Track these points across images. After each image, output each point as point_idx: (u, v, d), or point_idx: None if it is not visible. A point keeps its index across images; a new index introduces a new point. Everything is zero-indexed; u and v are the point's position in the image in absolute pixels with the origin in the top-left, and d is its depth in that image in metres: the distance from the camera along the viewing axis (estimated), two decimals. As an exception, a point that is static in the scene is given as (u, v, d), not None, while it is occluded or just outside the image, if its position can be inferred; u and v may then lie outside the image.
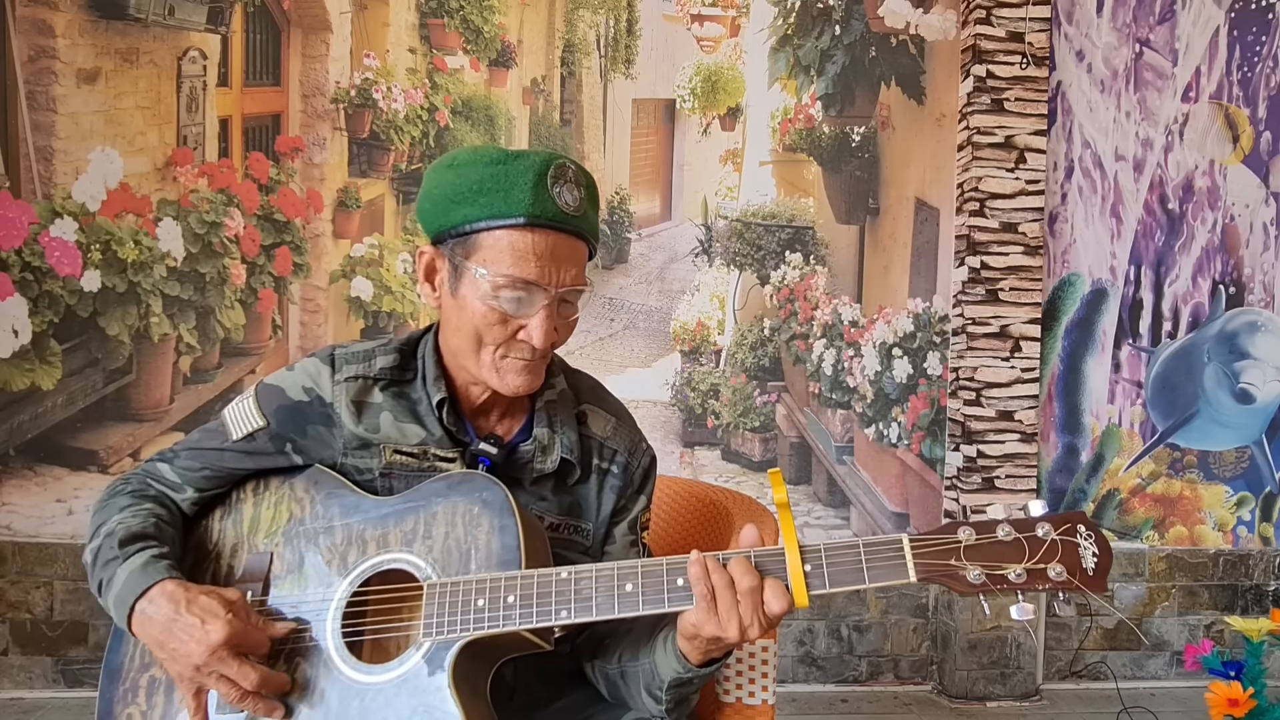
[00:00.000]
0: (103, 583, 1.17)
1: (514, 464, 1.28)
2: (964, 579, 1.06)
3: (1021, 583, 1.05)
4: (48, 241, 3.02)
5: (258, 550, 1.25)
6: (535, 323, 1.18)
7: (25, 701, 3.01)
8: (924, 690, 3.38)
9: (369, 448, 1.25)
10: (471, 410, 1.30)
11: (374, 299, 3.22)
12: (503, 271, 1.16)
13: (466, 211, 1.17)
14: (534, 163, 1.17)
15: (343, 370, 1.26)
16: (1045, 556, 1.06)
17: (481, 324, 1.19)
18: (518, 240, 1.16)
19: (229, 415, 1.28)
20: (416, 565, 1.18)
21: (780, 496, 1.10)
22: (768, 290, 3.39)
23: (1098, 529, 1.07)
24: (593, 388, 1.40)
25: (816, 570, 1.08)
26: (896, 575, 1.07)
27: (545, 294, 1.18)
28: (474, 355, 1.21)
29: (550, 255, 1.17)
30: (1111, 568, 1.07)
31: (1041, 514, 1.08)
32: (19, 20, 3.03)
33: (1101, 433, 3.50)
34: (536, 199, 1.16)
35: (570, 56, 3.37)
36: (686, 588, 1.10)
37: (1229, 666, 2.62)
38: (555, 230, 1.17)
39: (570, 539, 1.31)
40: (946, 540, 1.07)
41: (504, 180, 1.16)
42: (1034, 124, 3.31)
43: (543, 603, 1.11)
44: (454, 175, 1.19)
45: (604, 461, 1.34)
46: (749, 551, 1.10)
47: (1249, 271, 3.56)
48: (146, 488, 1.29)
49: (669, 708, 1.22)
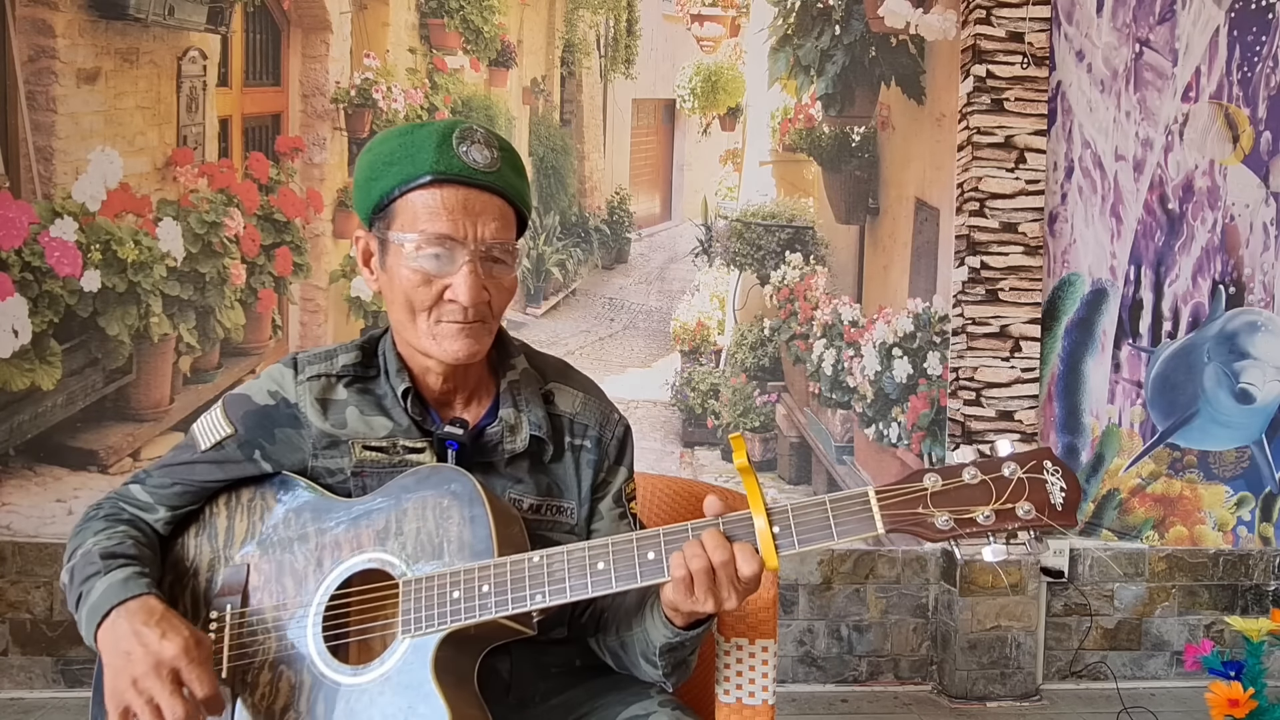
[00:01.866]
0: (81, 595, 1.17)
1: (483, 448, 1.28)
2: (932, 526, 1.05)
3: (990, 524, 1.04)
4: (48, 241, 3.02)
5: (234, 563, 1.25)
6: (459, 279, 1.18)
7: (25, 701, 3.01)
8: (924, 690, 3.38)
9: (338, 445, 1.26)
10: (435, 400, 1.30)
11: (374, 299, 3.22)
12: (417, 229, 1.18)
13: (382, 185, 1.20)
14: (438, 127, 1.20)
15: (305, 370, 1.27)
16: (1013, 495, 1.04)
17: (408, 288, 1.20)
18: (427, 198, 1.18)
19: (197, 428, 1.28)
20: (391, 563, 1.18)
21: (741, 461, 1.10)
22: (768, 290, 3.39)
23: (1064, 464, 1.06)
24: (558, 367, 1.40)
25: (785, 531, 1.08)
26: (864, 528, 1.06)
27: (463, 248, 1.18)
28: (411, 325, 1.22)
29: (462, 209, 1.18)
30: (1081, 501, 1.06)
31: (1008, 453, 1.06)
32: (19, 20, 3.03)
33: (1101, 433, 3.50)
34: (441, 157, 1.18)
35: (570, 56, 3.37)
36: (658, 560, 1.10)
37: (1229, 666, 2.62)
38: (464, 185, 1.19)
39: (554, 519, 1.31)
40: (912, 489, 1.06)
41: (410, 147, 1.19)
42: (1034, 124, 3.31)
43: (517, 589, 1.11)
44: (369, 155, 1.23)
45: (576, 438, 1.34)
46: (717, 521, 1.11)
47: (1249, 271, 3.56)
48: (119, 512, 1.28)
49: (666, 671, 1.24)
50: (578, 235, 3.36)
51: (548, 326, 3.32)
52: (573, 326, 3.34)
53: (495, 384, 1.33)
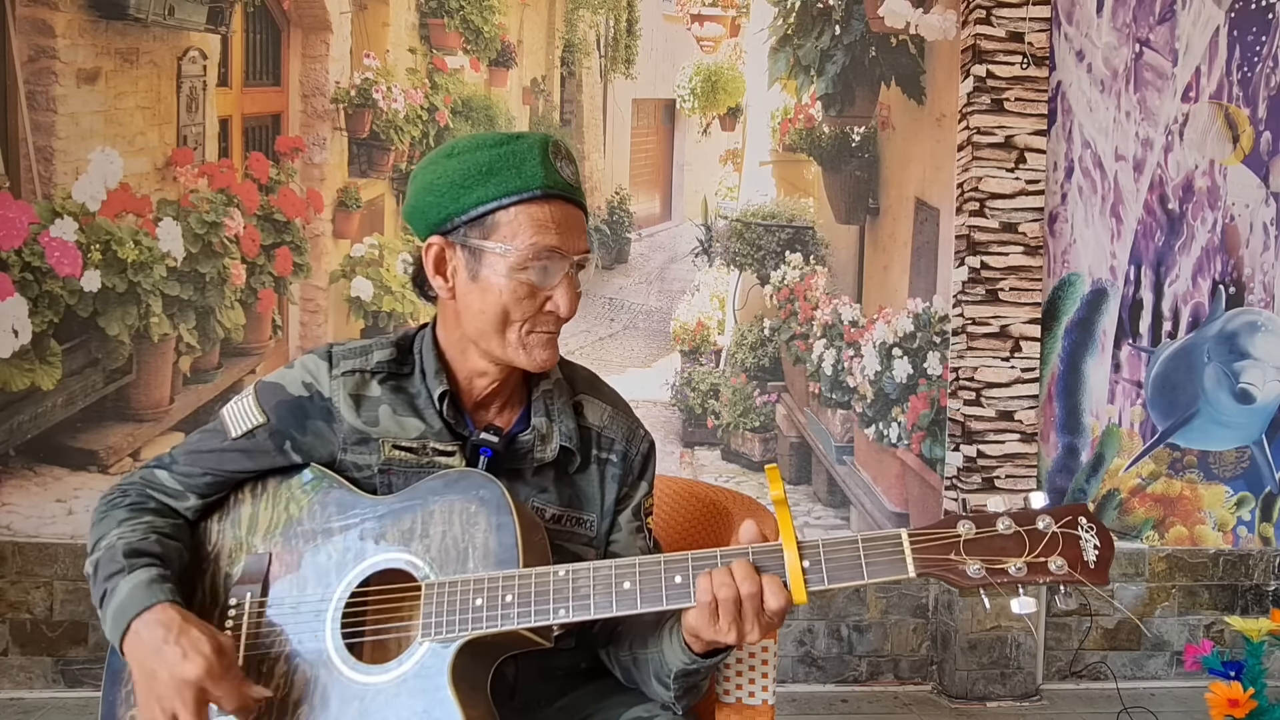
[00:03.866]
0: (105, 593, 1.17)
1: (514, 454, 1.28)
2: (963, 574, 1.04)
3: (1022, 576, 1.04)
4: (48, 241, 3.02)
5: (256, 551, 1.25)
6: (561, 291, 1.22)
7: (25, 701, 3.01)
8: (924, 690, 3.38)
9: (368, 442, 1.26)
10: (472, 404, 1.30)
11: (374, 299, 3.22)
12: (527, 243, 1.19)
13: (480, 193, 1.20)
14: (536, 140, 1.22)
15: (340, 365, 1.27)
16: (1046, 550, 1.04)
17: (510, 300, 1.20)
18: (536, 212, 1.20)
19: (228, 414, 1.27)
20: (415, 565, 1.18)
21: (777, 493, 1.10)
22: (768, 290, 3.39)
23: (1099, 521, 1.06)
24: (587, 379, 1.41)
25: (815, 567, 1.08)
26: (895, 571, 1.06)
27: (566, 261, 1.22)
28: (499, 336, 1.22)
29: (565, 223, 1.21)
30: (1112, 560, 1.06)
31: (1042, 506, 1.06)
32: (19, 20, 3.03)
33: (1101, 433, 3.50)
34: (547, 172, 1.20)
35: (570, 56, 3.37)
36: (684, 585, 1.10)
37: (1229, 666, 2.62)
38: (565, 200, 1.22)
39: (572, 531, 1.31)
40: (946, 535, 1.06)
41: (513, 159, 1.20)
42: (1034, 124, 3.31)
43: (541, 602, 1.11)
44: (458, 163, 1.21)
45: (603, 451, 1.35)
46: (747, 549, 1.10)
47: (1249, 271, 3.56)
48: (146, 499, 1.27)
49: (677, 695, 1.24)
50: (578, 235, 3.35)
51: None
52: (573, 326, 3.34)
53: (527, 391, 1.34)
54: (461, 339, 1.27)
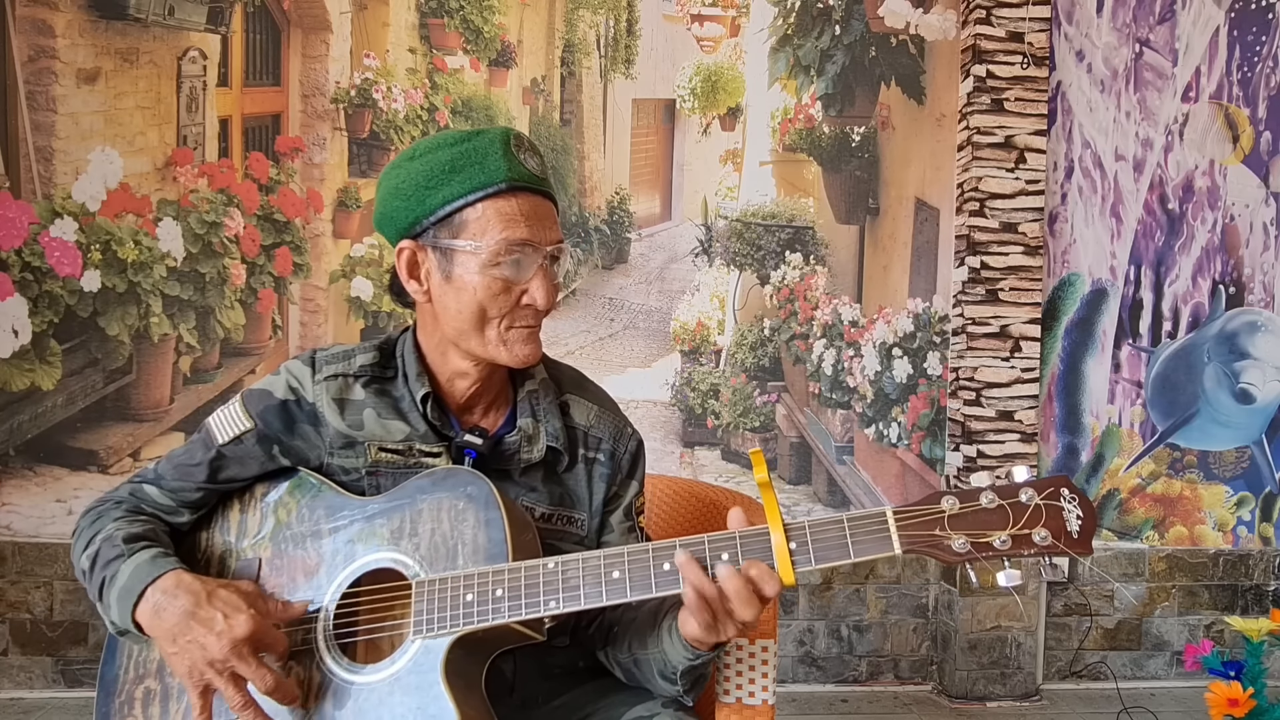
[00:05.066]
0: (105, 580, 1.16)
1: (500, 455, 1.28)
2: (949, 549, 1.05)
3: (1006, 549, 1.05)
4: (48, 241, 3.02)
5: (245, 557, 1.25)
6: (537, 283, 1.21)
7: (25, 701, 3.01)
8: (924, 690, 3.38)
9: (354, 446, 1.26)
10: (456, 406, 1.30)
11: (374, 299, 3.22)
12: (497, 238, 1.18)
13: (445, 193, 1.19)
14: (497, 134, 1.21)
15: (323, 370, 1.27)
16: (1030, 522, 1.05)
17: (485, 297, 1.20)
18: (504, 206, 1.19)
19: (214, 422, 1.27)
20: (404, 563, 1.18)
21: (761, 476, 1.11)
22: (768, 290, 3.39)
23: (1081, 492, 1.07)
24: (574, 378, 1.40)
25: (801, 548, 1.08)
26: (881, 548, 1.06)
27: (539, 253, 1.21)
28: (478, 335, 1.22)
29: (534, 215, 1.20)
30: (1095, 530, 1.07)
31: (1025, 479, 1.07)
32: (19, 20, 3.03)
33: (1101, 433, 3.50)
34: (510, 165, 1.19)
35: (570, 56, 3.37)
36: (672, 572, 1.10)
37: (1229, 666, 2.62)
38: (531, 192, 1.21)
39: (563, 530, 1.31)
40: (930, 511, 1.06)
41: (475, 154, 1.19)
42: (1034, 124, 3.31)
43: (531, 594, 1.11)
44: (420, 164, 1.21)
45: (590, 450, 1.34)
46: (734, 534, 1.11)
47: (1249, 271, 3.56)
48: (139, 510, 1.27)
49: (686, 688, 1.24)
50: (578, 235, 3.36)
51: (547, 326, 3.28)
52: (573, 326, 3.34)
53: (512, 392, 1.33)
54: (441, 341, 1.26)
